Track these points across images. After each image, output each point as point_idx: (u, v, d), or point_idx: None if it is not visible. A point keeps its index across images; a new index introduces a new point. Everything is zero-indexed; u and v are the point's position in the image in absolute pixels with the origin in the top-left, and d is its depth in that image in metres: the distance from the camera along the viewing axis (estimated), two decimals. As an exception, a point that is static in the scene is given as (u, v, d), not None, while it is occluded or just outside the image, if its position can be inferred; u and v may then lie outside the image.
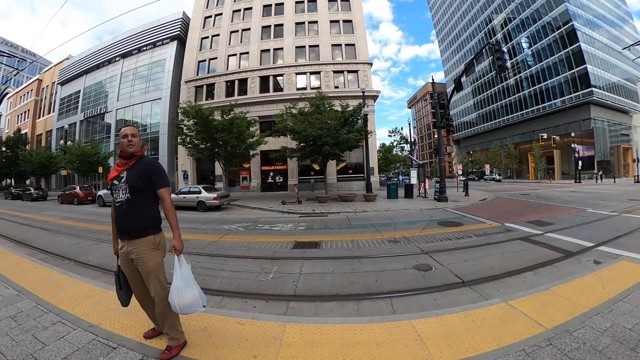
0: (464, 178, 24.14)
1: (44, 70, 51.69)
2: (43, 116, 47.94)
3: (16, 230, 10.00)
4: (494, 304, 3.36)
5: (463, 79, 17.07)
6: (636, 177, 30.69)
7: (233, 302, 4.08)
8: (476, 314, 3.13)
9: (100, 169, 28.30)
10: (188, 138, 20.36)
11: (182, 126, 20.35)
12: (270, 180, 28.10)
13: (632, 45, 24.09)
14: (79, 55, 43.09)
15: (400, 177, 28.29)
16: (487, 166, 47.78)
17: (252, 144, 20.72)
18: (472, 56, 16.60)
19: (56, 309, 3.45)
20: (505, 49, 48.63)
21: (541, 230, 7.53)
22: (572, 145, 33.29)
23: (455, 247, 6.43)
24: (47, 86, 48.50)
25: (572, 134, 35.38)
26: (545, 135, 34.98)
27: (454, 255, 5.81)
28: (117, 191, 2.43)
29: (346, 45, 29.12)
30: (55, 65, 47.80)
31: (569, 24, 40.39)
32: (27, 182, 38.62)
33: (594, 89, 38.70)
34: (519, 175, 49.47)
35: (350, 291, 4.28)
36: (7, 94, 57.84)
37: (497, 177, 46.96)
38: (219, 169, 24.61)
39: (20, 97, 53.50)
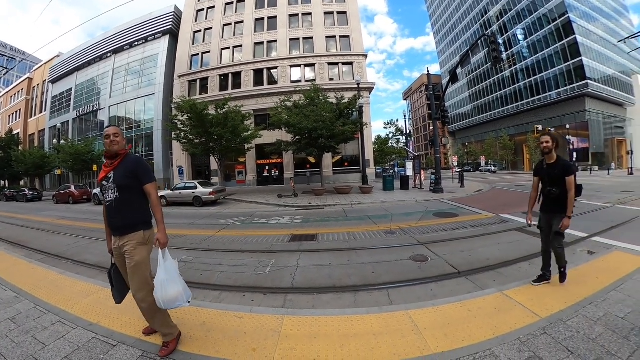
0: (459, 169, 24.22)
1: (34, 68, 50.71)
2: (35, 115, 47.10)
3: (12, 232, 9.89)
4: (489, 294, 3.41)
5: (458, 70, 17.04)
6: (630, 169, 30.83)
7: (231, 296, 4.10)
8: (472, 303, 3.17)
9: (95, 167, 27.82)
10: (182, 133, 20.22)
11: (176, 121, 20.23)
12: (266, 174, 28.05)
13: (628, 38, 24.02)
14: (70, 52, 42.27)
15: (396, 169, 28.30)
16: (483, 158, 47.79)
17: (247, 137, 20.63)
18: (468, 47, 16.49)
19: (55, 309, 3.45)
20: (500, 41, 48.40)
21: (536, 221, 7.55)
22: (567, 137, 33.39)
23: (451, 238, 6.46)
24: (37, 85, 47.67)
25: (567, 126, 35.37)
26: (540, 127, 34.69)
27: (450, 246, 5.84)
28: (107, 191, 2.49)
29: (341, 37, 28.95)
30: (46, 63, 46.86)
31: (565, 16, 40.22)
32: (22, 183, 38.12)
33: (589, 81, 38.75)
34: (514, 167, 49.53)
35: (347, 283, 4.31)
36: None
37: (493, 169, 46.86)
38: (214, 164, 24.52)
39: (11, 97, 52.57)
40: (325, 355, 2.44)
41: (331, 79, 27.74)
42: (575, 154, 33.52)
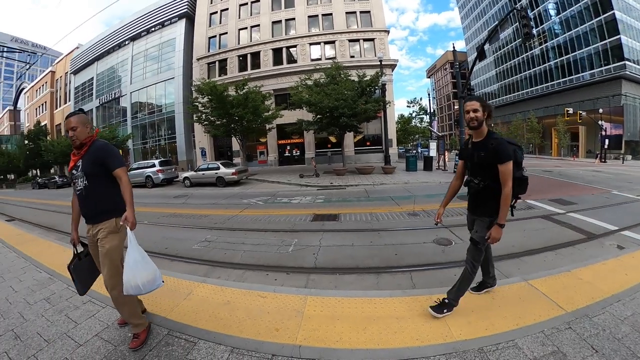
0: None
1: (56, 61, 52.20)
2: (60, 106, 48.58)
3: (45, 218, 10.12)
4: (514, 282, 3.25)
5: (486, 46, 16.05)
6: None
7: (255, 275, 4.13)
8: (496, 291, 3.06)
9: (120, 152, 28.66)
10: (204, 115, 20.39)
11: (197, 104, 20.30)
12: (287, 154, 28.12)
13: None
14: (89, 42, 42.92)
15: (420, 149, 27.59)
16: None
17: (268, 117, 20.59)
18: (496, 23, 15.38)
19: (64, 278, 3.68)
20: (531, 15, 45.34)
21: (563, 209, 7.14)
22: (600, 122, 31.23)
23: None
24: (60, 77, 49.13)
25: (600, 110, 32.86)
26: (570, 110, 32.73)
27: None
28: (77, 180, 2.43)
29: (361, 12, 27.97)
30: (66, 55, 47.98)
31: (603, -11, 36.89)
32: (52, 171, 39.65)
33: (627, 62, 35.21)
34: (541, 151, 46.83)
35: (370, 264, 4.28)
36: (23, 89, 59.52)
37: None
38: (236, 145, 24.59)
39: (36, 90, 54.70)
40: (347, 337, 2.42)
41: (352, 56, 26.99)
42: (607, 140, 31.20)
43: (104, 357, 2.36)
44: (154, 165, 19.09)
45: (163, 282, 2.49)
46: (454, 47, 18.80)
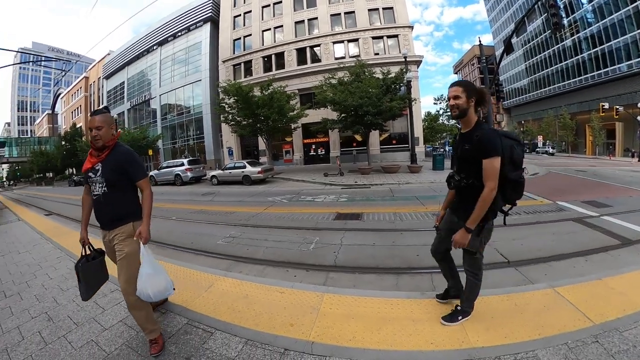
0: None
1: (89, 68, 55.56)
2: (94, 109, 51.55)
3: (79, 212, 10.66)
4: (539, 288, 3.02)
5: (513, 39, 15.42)
6: None
7: (275, 271, 4.18)
8: (519, 297, 2.86)
9: (150, 152, 30.56)
10: (230, 116, 20.87)
11: (224, 105, 20.79)
12: (312, 152, 28.33)
13: None
14: (119, 49, 44.99)
15: (447, 148, 26.96)
16: (540, 138, 43.60)
17: (293, 117, 20.78)
18: (524, 14, 14.69)
19: (113, 279, 3.54)
20: (561, 4, 43.10)
21: (597, 212, 6.69)
22: (638, 117, 29.25)
23: (502, 223, 5.80)
24: (93, 82, 52.34)
25: (639, 105, 30.86)
26: (606, 105, 30.42)
27: (500, 232, 5.16)
28: (94, 184, 2.34)
29: (384, 9, 27.63)
30: (99, 61, 50.87)
31: (640, -28, 34.39)
32: (86, 170, 42.37)
33: None
34: (574, 150, 44.24)
35: (390, 264, 4.20)
36: (60, 94, 63.27)
37: (551, 151, 42.44)
38: (262, 144, 24.97)
39: (72, 95, 58.71)
40: (361, 337, 2.39)
41: (376, 54, 26.75)
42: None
43: (126, 341, 2.54)
44: (182, 164, 19.75)
45: (174, 289, 2.53)
46: (480, 42, 18.30)
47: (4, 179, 71.93)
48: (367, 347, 2.28)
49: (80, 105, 54.57)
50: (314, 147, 28.17)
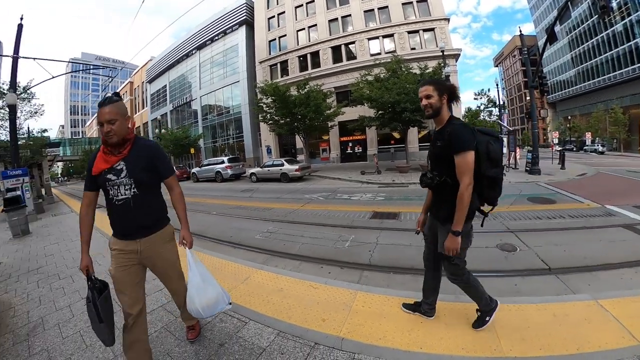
0: (560, 148, 21.38)
1: (133, 73, 59.05)
2: (139, 111, 54.98)
3: None
4: (580, 300, 2.82)
5: (557, 27, 14.35)
6: None
7: (310, 266, 4.27)
8: (558, 308, 2.67)
9: (192, 150, 32.06)
10: (268, 115, 21.48)
11: (262, 104, 21.44)
12: (349, 150, 28.29)
13: None
14: (160, 55, 47.50)
15: (488, 145, 25.91)
16: (588, 135, 39.93)
17: (330, 115, 20.96)
18: None
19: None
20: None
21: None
22: None
23: (545, 227, 5.62)
24: (138, 86, 55.64)
25: None
26: None
27: (543, 236, 5.07)
28: (116, 187, 1.91)
29: (418, 2, 27.00)
30: (142, 67, 53.90)
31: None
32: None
33: None
34: (627, 148, 39.64)
35: None
36: None
37: (600, 149, 38.10)
38: (299, 142, 25.36)
39: None
40: (391, 337, 2.38)
41: (412, 48, 26.24)
42: None
43: (165, 324, 2.77)
44: (223, 162, 20.64)
45: (230, 304, 2.36)
46: (520, 31, 17.29)
47: (59, 175, 78.40)
48: (396, 347, 2.28)
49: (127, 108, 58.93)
50: (350, 145, 28.13)
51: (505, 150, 17.39)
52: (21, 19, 10.14)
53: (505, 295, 3.01)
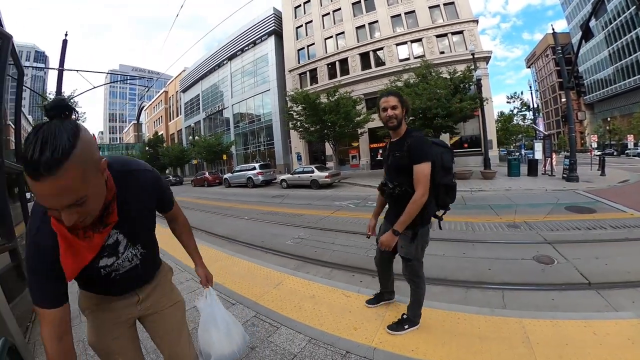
0: (599, 153, 20.53)
1: (168, 83, 62.95)
2: (173, 119, 58.44)
3: None
4: (624, 318, 2.63)
5: (592, 22, 13.50)
6: None
7: (341, 274, 4.29)
8: (599, 325, 2.51)
9: (225, 157, 33.52)
10: (298, 123, 21.83)
11: (292, 112, 21.87)
12: (379, 157, 27.77)
13: None
14: (193, 65, 49.78)
15: (523, 151, 24.98)
16: (630, 137, 37.37)
17: (359, 122, 21.02)
18: None
19: (189, 268, 4.11)
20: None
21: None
22: None
23: (584, 239, 5.35)
24: (172, 95, 58.83)
25: None
26: None
27: (582, 248, 4.84)
28: (116, 266, 1.26)
29: (444, 4, 26.60)
30: (176, 77, 57.00)
31: None
32: (167, 171, 47.20)
33: None
34: None
35: (459, 277, 4.02)
36: (143, 107, 73.97)
37: None
38: (329, 149, 25.60)
39: (153, 107, 67.34)
40: (424, 349, 2.33)
41: (442, 52, 25.91)
42: None
43: (197, 325, 2.52)
44: (254, 168, 21.30)
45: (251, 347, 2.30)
46: (553, 29, 16.51)
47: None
48: (429, 360, 2.27)
49: (161, 116, 62.10)
50: (380, 151, 27.64)
51: (540, 156, 16.86)
52: (66, 35, 10.80)
53: (542, 310, 2.94)
